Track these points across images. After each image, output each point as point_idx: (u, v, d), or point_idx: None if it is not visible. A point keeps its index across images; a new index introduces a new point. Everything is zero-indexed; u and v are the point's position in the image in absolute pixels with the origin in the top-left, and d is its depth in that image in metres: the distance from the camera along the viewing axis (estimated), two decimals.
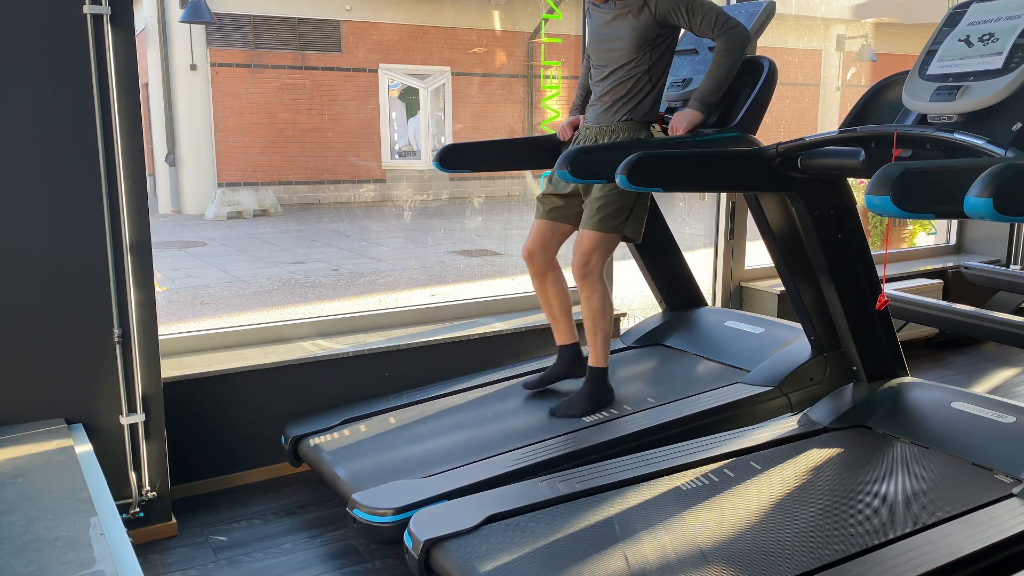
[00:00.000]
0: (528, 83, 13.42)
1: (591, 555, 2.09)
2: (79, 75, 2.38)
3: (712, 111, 3.02)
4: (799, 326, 3.24)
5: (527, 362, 3.52)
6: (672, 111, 3.31)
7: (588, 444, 2.73)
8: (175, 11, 11.04)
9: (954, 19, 2.41)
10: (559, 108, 3.37)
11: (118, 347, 2.55)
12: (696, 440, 2.73)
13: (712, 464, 2.58)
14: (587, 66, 3.23)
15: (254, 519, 2.82)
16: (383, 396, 3.22)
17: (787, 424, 2.87)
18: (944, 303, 3.97)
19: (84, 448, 2.30)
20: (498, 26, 13.23)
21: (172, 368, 2.92)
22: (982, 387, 4.04)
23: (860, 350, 2.97)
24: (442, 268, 8.83)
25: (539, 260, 3.18)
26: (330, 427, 2.95)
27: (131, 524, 2.63)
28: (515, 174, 12.38)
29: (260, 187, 11.84)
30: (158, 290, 2.65)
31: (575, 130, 3.22)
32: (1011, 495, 2.34)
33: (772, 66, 3.11)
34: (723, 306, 4.21)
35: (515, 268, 8.64)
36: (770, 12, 3.19)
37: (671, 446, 2.69)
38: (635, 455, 2.63)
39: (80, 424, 2.50)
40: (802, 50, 14.65)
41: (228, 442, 3.03)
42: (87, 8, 2.35)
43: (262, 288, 7.56)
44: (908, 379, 3.04)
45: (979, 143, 2.13)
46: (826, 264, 2.85)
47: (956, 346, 4.66)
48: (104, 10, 2.37)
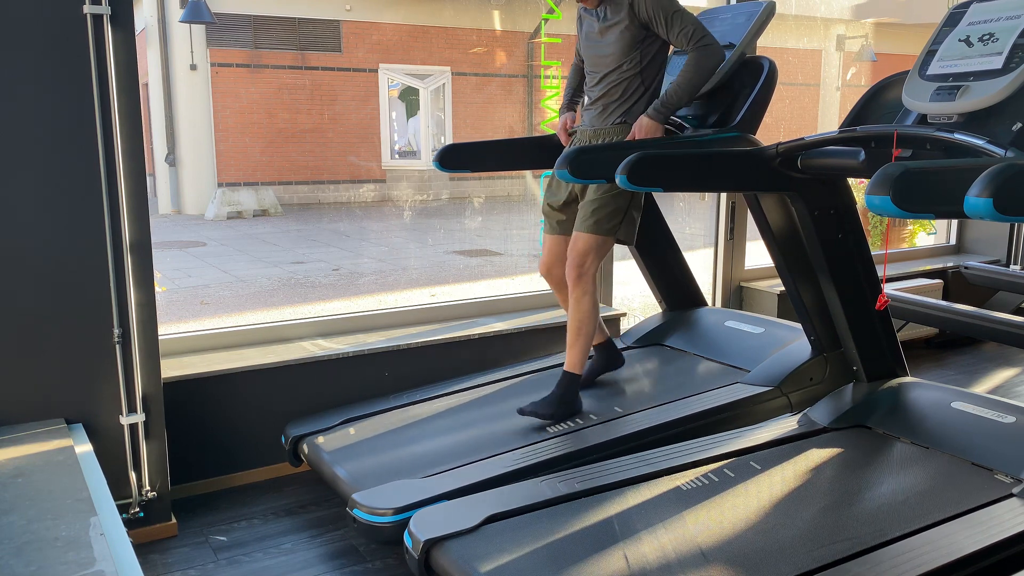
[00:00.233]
0: (528, 83, 13.41)
1: (591, 555, 2.09)
2: (79, 75, 2.38)
3: (668, 120, 2.98)
4: (799, 326, 3.24)
5: (527, 362, 3.52)
6: None
7: (588, 444, 2.73)
8: (175, 11, 11.04)
9: (954, 19, 2.41)
10: (559, 108, 3.38)
11: (118, 347, 2.55)
12: (696, 440, 2.74)
13: (712, 464, 2.58)
14: (577, 65, 3.26)
15: (254, 519, 2.82)
16: (383, 396, 3.22)
17: (787, 424, 2.87)
18: (944, 303, 3.97)
19: (84, 448, 2.30)
20: (498, 26, 13.23)
21: (172, 368, 2.92)
22: (982, 387, 4.04)
23: (860, 350, 2.97)
24: (442, 268, 8.83)
25: (556, 274, 3.21)
26: (330, 427, 2.95)
27: (131, 524, 2.63)
28: (515, 174, 12.38)
29: (260, 187, 11.83)
30: (158, 290, 2.65)
31: (568, 132, 3.22)
32: (1011, 495, 2.34)
33: (772, 66, 3.11)
34: (723, 306, 4.21)
35: (515, 268, 8.64)
36: (770, 12, 3.19)
37: (671, 446, 2.69)
38: (635, 455, 2.63)
39: (80, 424, 2.50)
40: (802, 50, 14.65)
41: (228, 442, 3.03)
42: (87, 8, 2.35)
43: (262, 288, 7.55)
44: (908, 379, 3.04)
45: (979, 143, 2.13)
46: (826, 264, 2.85)
47: (956, 346, 4.66)
48: (104, 10, 2.37)
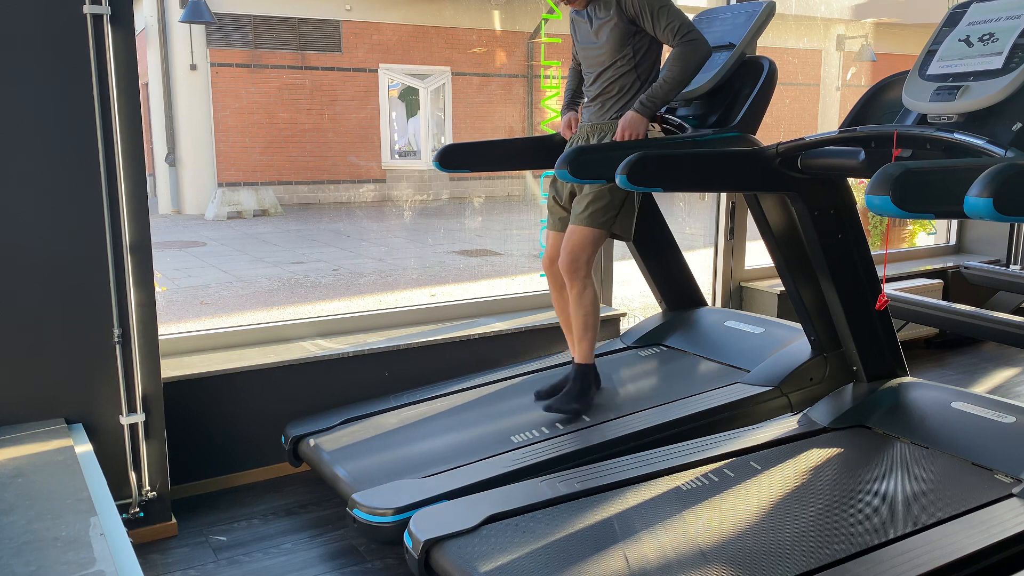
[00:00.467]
0: (528, 83, 13.41)
1: (591, 555, 2.09)
2: (79, 75, 2.38)
3: (654, 115, 2.97)
4: (799, 326, 3.24)
5: (527, 362, 3.52)
6: (672, 110, 3.32)
7: (588, 444, 2.73)
8: (175, 11, 11.03)
9: (954, 19, 2.41)
10: (559, 108, 3.38)
11: (118, 347, 2.55)
12: (696, 440, 2.74)
13: (712, 464, 2.58)
14: (574, 68, 3.27)
15: (254, 519, 2.82)
16: (383, 396, 3.22)
17: (787, 424, 2.87)
18: (944, 303, 3.97)
19: (84, 448, 2.30)
20: (498, 26, 13.22)
21: (172, 368, 2.92)
22: (982, 387, 4.04)
23: (860, 350, 2.97)
24: (442, 268, 8.83)
25: (557, 269, 3.20)
26: (330, 427, 2.95)
27: (131, 524, 2.63)
28: (515, 174, 12.37)
29: (260, 187, 11.83)
30: (158, 290, 2.65)
31: (571, 129, 3.23)
32: (1011, 495, 2.34)
33: (772, 66, 3.11)
34: (723, 306, 4.21)
35: (515, 268, 8.64)
36: (770, 12, 3.19)
37: (671, 446, 2.69)
38: (635, 455, 2.63)
39: (80, 424, 2.50)
40: (802, 50, 14.65)
41: (228, 442, 3.03)
42: (87, 8, 2.35)
43: (262, 288, 7.55)
44: (908, 379, 3.04)
45: (979, 143, 2.13)
46: (826, 264, 2.85)
47: (956, 346, 4.66)
48: (104, 10, 2.37)
